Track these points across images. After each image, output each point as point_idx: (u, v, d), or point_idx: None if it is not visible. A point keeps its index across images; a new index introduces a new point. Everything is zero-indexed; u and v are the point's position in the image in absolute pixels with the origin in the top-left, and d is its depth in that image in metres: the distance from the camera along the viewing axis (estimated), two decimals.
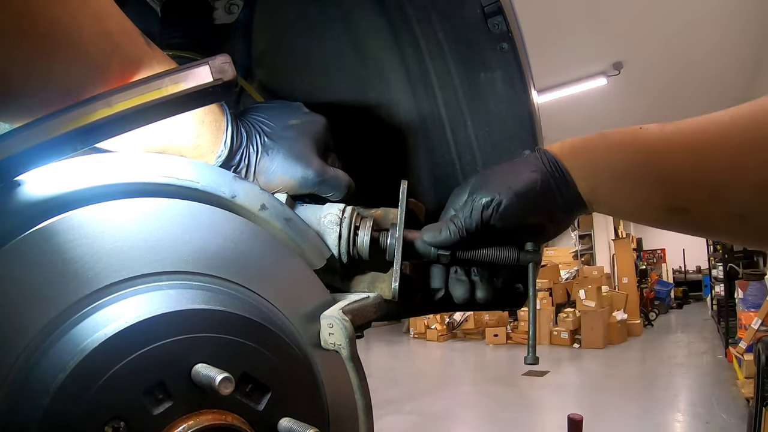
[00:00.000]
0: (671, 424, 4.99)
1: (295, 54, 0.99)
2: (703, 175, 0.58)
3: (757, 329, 5.40)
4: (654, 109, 8.48)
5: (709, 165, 0.58)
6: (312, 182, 0.73)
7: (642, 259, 14.29)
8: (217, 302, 0.53)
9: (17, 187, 0.47)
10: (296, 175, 0.72)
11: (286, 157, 0.71)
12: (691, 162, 0.58)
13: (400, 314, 0.94)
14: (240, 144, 0.69)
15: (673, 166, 0.60)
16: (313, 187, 0.73)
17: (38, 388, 0.42)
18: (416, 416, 5.56)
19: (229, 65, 0.53)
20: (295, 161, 0.71)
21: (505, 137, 0.91)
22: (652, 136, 0.62)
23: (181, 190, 0.59)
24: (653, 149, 0.62)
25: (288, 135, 0.73)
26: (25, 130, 0.44)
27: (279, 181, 0.72)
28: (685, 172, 0.59)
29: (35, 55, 0.47)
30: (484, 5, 0.80)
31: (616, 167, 0.64)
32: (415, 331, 11.11)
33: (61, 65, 0.49)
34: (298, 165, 0.72)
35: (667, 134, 0.61)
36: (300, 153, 0.72)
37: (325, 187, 0.74)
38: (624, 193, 0.66)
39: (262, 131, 0.72)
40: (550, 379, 6.95)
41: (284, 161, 0.71)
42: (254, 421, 0.52)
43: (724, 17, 5.63)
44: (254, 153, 0.70)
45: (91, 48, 0.51)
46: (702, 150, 0.58)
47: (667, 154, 0.60)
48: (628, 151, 0.64)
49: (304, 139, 0.74)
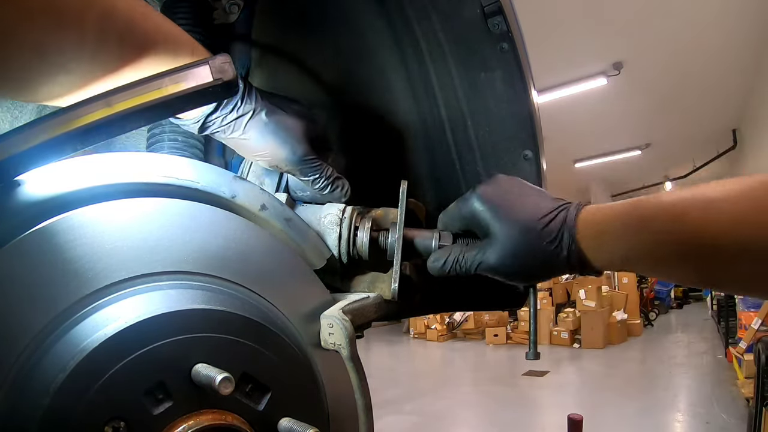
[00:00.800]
0: (671, 424, 4.99)
1: (295, 54, 0.99)
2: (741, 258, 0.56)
3: (757, 329, 5.39)
4: (654, 109, 8.49)
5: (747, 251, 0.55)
6: (298, 159, 0.73)
7: None
8: (217, 302, 0.53)
9: (17, 187, 0.48)
10: (286, 145, 0.72)
11: (283, 126, 0.72)
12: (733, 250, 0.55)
13: (400, 314, 0.94)
14: (235, 95, 0.68)
15: (714, 255, 0.57)
16: (296, 165, 0.73)
17: (38, 388, 0.42)
18: (416, 416, 5.56)
19: (229, 65, 0.53)
20: (289, 134, 0.72)
21: (505, 137, 0.91)
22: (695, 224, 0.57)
23: (181, 190, 0.59)
24: (695, 237, 0.57)
25: (289, 110, 0.74)
26: (25, 130, 0.44)
27: (268, 145, 0.71)
28: (723, 259, 0.57)
29: None
30: (484, 5, 0.80)
31: (652, 254, 0.60)
32: (415, 331, 11.11)
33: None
34: (292, 138, 0.72)
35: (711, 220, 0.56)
36: (295, 129, 0.73)
37: (308, 170, 0.74)
38: (657, 273, 0.64)
39: (266, 96, 0.73)
40: (550, 379, 6.95)
41: (278, 128, 0.71)
42: (254, 421, 0.52)
43: (725, 18, 5.64)
44: (251, 107, 0.70)
45: None
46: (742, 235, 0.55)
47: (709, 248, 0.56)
48: (670, 242, 0.58)
49: (303, 121, 0.75)
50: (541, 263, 0.65)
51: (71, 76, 0.54)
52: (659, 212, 0.59)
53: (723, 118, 9.00)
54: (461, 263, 0.69)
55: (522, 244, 0.65)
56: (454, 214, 0.72)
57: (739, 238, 0.54)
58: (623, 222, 0.61)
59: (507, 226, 0.65)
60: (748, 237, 0.53)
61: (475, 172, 0.96)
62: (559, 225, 0.64)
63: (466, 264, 0.69)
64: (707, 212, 0.56)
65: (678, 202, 0.59)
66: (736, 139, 9.92)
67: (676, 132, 9.70)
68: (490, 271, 0.68)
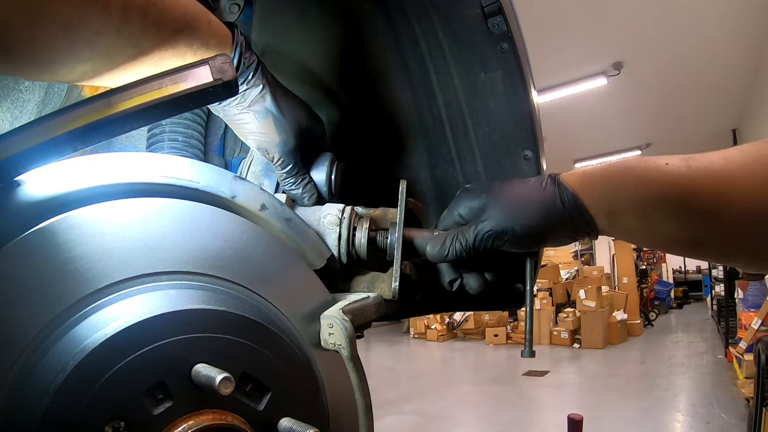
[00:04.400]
0: (671, 424, 4.99)
1: (295, 54, 0.99)
2: (725, 215, 0.61)
3: (757, 329, 5.39)
4: (654, 109, 8.48)
5: (731, 207, 0.61)
6: (288, 150, 0.74)
7: (642, 259, 14.29)
8: (217, 302, 0.53)
9: (17, 187, 0.48)
10: (282, 133, 0.73)
11: (286, 113, 0.73)
12: (716, 203, 0.61)
13: (400, 314, 0.94)
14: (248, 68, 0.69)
15: (699, 206, 0.62)
16: (282, 155, 0.75)
17: (39, 388, 0.42)
18: (416, 416, 5.56)
19: (229, 65, 0.53)
20: (289, 122, 0.73)
21: (505, 137, 0.91)
22: (680, 175, 0.63)
23: (181, 190, 0.59)
24: (681, 189, 0.62)
25: (294, 102, 0.76)
26: (25, 130, 0.44)
27: (265, 127, 0.72)
28: (709, 212, 0.62)
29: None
30: (484, 5, 0.80)
31: (640, 204, 0.64)
32: (415, 331, 11.11)
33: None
34: (290, 128, 0.74)
35: (695, 173, 0.63)
36: (296, 120, 0.75)
37: (288, 164, 0.75)
38: (644, 227, 0.66)
39: (276, 82, 0.74)
40: (550, 379, 6.95)
41: (281, 113, 0.72)
42: (254, 421, 0.52)
43: (726, 18, 5.63)
44: (261, 83, 0.70)
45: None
46: (727, 193, 0.61)
47: (694, 196, 0.62)
48: (655, 188, 0.63)
49: (305, 117, 0.77)
50: (540, 217, 0.65)
51: (96, 52, 0.54)
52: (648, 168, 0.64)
53: (723, 118, 8.99)
54: (460, 240, 0.68)
55: (516, 199, 0.66)
56: (448, 215, 0.73)
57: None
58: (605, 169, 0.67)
59: (498, 193, 0.68)
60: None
61: (475, 172, 0.96)
62: (545, 178, 0.68)
63: (465, 239, 0.67)
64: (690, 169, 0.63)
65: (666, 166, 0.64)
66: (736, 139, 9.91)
67: (676, 132, 9.69)
68: (490, 239, 0.66)
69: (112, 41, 0.54)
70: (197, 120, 0.95)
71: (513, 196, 0.67)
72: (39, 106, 0.89)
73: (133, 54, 0.57)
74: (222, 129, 1.01)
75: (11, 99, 0.89)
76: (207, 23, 0.63)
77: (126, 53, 0.56)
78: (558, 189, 0.66)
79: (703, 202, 0.61)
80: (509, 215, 0.66)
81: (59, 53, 0.51)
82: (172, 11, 0.59)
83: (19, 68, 0.51)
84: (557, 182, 0.66)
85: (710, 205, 0.61)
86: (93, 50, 0.53)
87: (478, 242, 0.67)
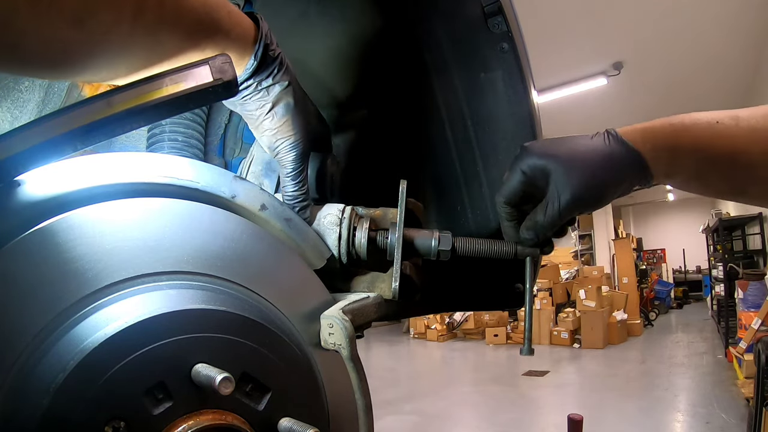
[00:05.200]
0: (671, 424, 4.99)
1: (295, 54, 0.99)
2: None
3: (757, 329, 5.40)
4: (654, 109, 8.48)
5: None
6: (302, 148, 0.72)
7: (642, 259, 14.30)
8: (217, 302, 0.53)
9: (17, 187, 0.47)
10: (298, 133, 0.71)
11: (303, 114, 0.72)
12: (763, 160, 0.69)
13: (400, 314, 0.94)
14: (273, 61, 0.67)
15: (747, 163, 0.69)
16: (298, 153, 0.73)
17: (38, 388, 0.42)
18: (416, 416, 5.56)
19: (229, 65, 0.53)
20: (304, 124, 0.72)
21: (505, 137, 0.91)
22: (731, 135, 0.70)
23: (181, 190, 0.59)
24: (733, 150, 0.69)
25: (308, 102, 0.76)
26: (25, 130, 0.44)
27: (283, 124, 0.70)
28: (757, 167, 0.69)
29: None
30: (485, 5, 0.80)
31: (696, 165, 0.71)
32: (415, 331, 11.11)
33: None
34: (304, 129, 0.72)
35: (743, 133, 0.70)
36: (310, 122, 0.74)
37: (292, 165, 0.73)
38: (697, 183, 0.74)
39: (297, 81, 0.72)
40: (550, 379, 6.95)
41: (299, 113, 0.71)
42: (254, 421, 0.52)
43: (725, 18, 5.63)
44: (287, 79, 0.69)
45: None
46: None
47: (746, 154, 0.69)
48: (710, 151, 0.70)
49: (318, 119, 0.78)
50: (612, 182, 0.68)
51: (112, 48, 0.52)
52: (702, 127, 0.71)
53: None
54: (549, 215, 0.68)
55: (585, 164, 0.68)
56: (512, 181, 0.71)
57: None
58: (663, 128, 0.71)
59: (564, 156, 0.69)
60: None
61: (475, 172, 0.96)
62: (605, 135, 0.71)
63: (553, 211, 0.68)
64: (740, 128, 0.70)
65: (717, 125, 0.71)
66: None
67: None
68: (571, 211, 0.68)
69: (127, 37, 0.52)
70: (197, 120, 0.95)
71: (582, 161, 0.69)
72: (39, 106, 0.89)
73: (151, 49, 0.55)
74: (222, 129, 1.01)
75: (11, 99, 0.88)
76: (227, 14, 0.61)
77: (144, 49, 0.55)
78: (623, 149, 0.69)
79: (752, 160, 0.69)
80: (581, 182, 0.67)
81: (72, 52, 0.49)
82: (189, 1, 0.56)
83: (29, 67, 0.49)
84: (620, 141, 0.69)
85: (759, 160, 0.69)
86: (108, 47, 0.51)
87: (563, 216, 0.68)
